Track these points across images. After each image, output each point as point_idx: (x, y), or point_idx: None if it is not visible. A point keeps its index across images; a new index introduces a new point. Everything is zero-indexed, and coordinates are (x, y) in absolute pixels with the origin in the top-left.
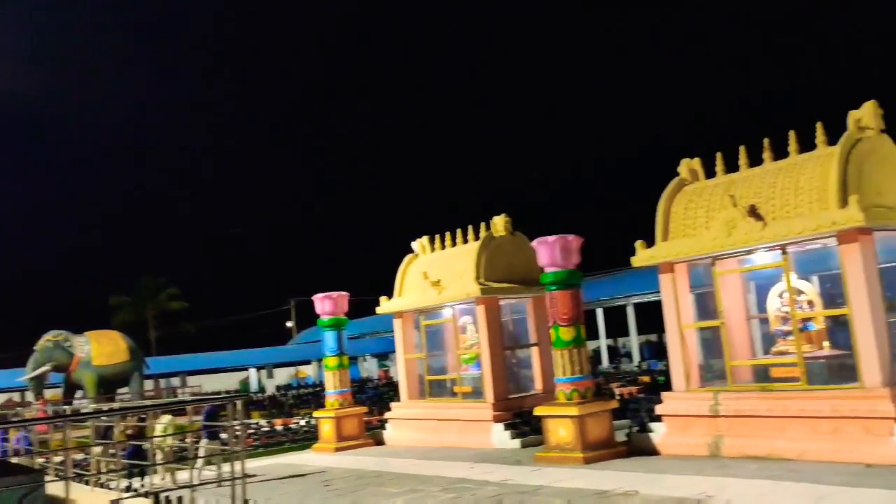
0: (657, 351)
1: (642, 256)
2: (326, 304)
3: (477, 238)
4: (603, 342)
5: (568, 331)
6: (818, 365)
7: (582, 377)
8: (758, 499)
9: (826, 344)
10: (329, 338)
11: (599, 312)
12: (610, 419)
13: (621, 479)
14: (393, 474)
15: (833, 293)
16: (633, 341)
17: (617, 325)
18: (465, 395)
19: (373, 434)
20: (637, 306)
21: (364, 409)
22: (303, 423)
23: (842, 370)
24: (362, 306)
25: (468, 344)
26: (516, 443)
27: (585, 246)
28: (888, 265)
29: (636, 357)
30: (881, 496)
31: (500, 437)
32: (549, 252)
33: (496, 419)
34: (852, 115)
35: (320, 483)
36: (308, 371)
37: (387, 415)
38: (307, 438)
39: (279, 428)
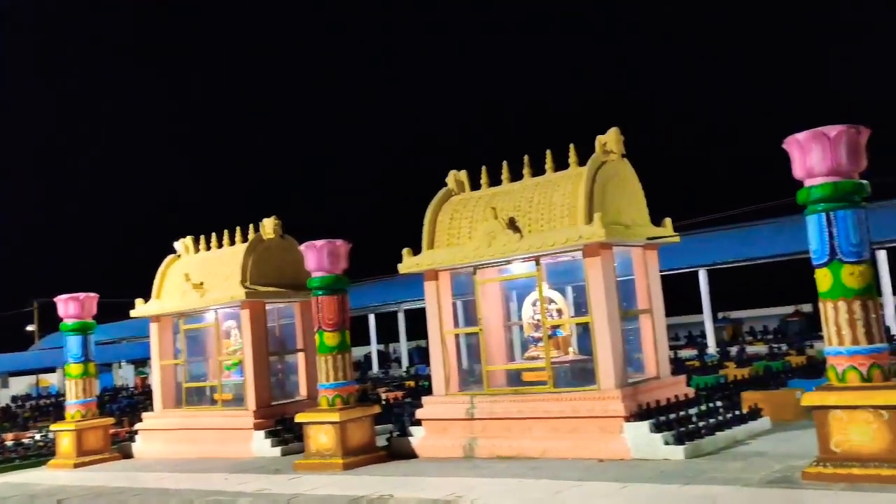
0: (426, 356)
1: (408, 264)
2: (71, 306)
3: (245, 240)
4: (374, 347)
5: (333, 336)
6: (563, 369)
7: (345, 383)
8: (501, 496)
9: (572, 350)
10: (73, 343)
11: (371, 318)
12: (372, 424)
13: (378, 484)
14: (139, 489)
15: (580, 302)
16: (403, 347)
17: (389, 331)
18: (226, 403)
19: (121, 447)
20: (408, 312)
21: (110, 419)
22: (38, 437)
23: (583, 373)
24: (120, 308)
25: (231, 349)
26: (277, 451)
27: (356, 252)
28: (625, 278)
29: (405, 362)
30: (608, 487)
31: (261, 446)
32: (317, 256)
33: (257, 427)
34: (599, 140)
35: (53, 503)
36: (52, 379)
37: (137, 426)
38: (44, 454)
39: (9, 443)
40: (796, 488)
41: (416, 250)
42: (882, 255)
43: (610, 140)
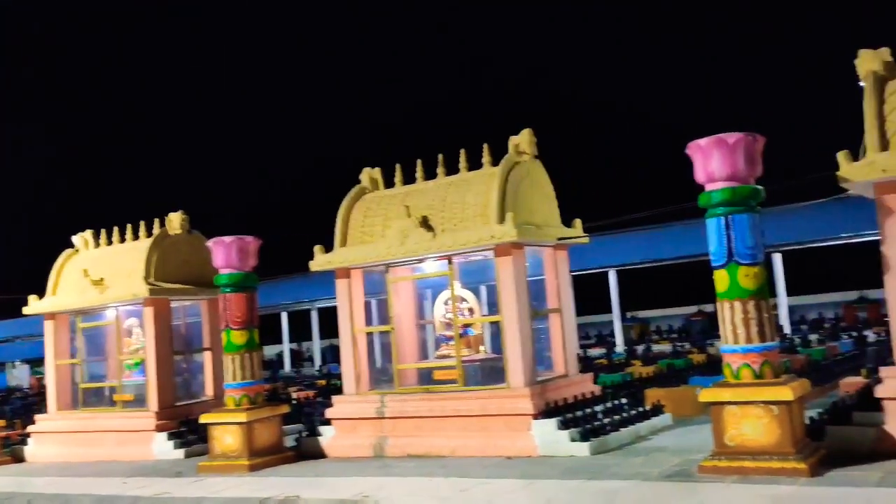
0: (339, 355)
1: (320, 261)
2: None
3: (149, 235)
4: (286, 346)
5: (241, 334)
6: (474, 368)
7: (253, 382)
8: (409, 495)
9: (482, 348)
10: None
11: (284, 316)
12: (280, 424)
13: (285, 485)
14: (29, 495)
15: (492, 301)
16: (316, 345)
17: (302, 329)
18: (126, 404)
19: (12, 451)
20: (322, 311)
21: (1, 422)
22: None
23: (493, 372)
24: (14, 306)
25: (133, 348)
26: (180, 453)
27: (269, 249)
28: (535, 278)
29: (318, 361)
30: (514, 484)
31: (163, 448)
32: (226, 253)
33: (159, 429)
34: (512, 140)
35: None
36: None
37: (29, 428)
38: None
39: None
40: (692, 481)
41: (330, 248)
42: (777, 258)
43: (523, 141)
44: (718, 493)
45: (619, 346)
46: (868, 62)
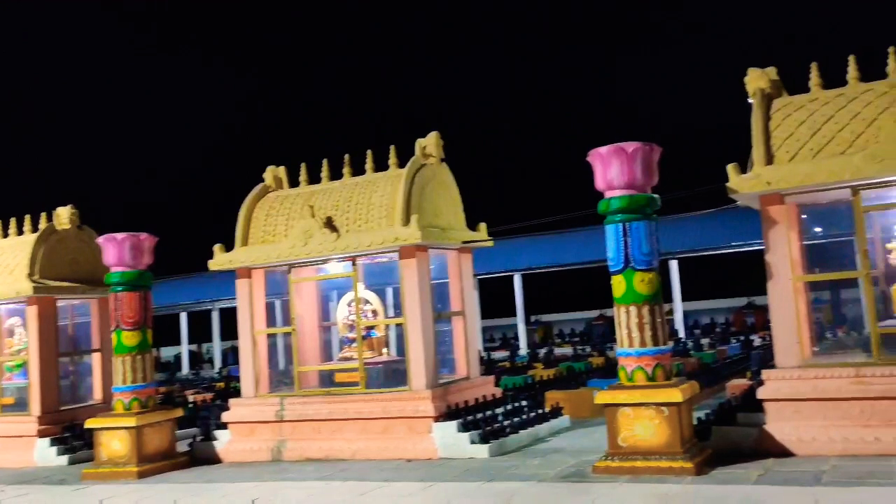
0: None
1: (220, 260)
2: None
3: (35, 230)
4: (185, 348)
5: (132, 335)
6: (376, 370)
7: (144, 385)
8: (305, 500)
9: (385, 351)
10: None
11: (184, 317)
12: (172, 429)
13: (175, 492)
14: None
15: (397, 304)
16: (216, 347)
17: (203, 330)
18: (6, 408)
19: None
20: (224, 311)
21: None
22: None
23: (395, 374)
24: None
25: (15, 349)
26: (63, 459)
27: (169, 246)
28: (439, 281)
29: (218, 363)
30: (413, 487)
31: (45, 454)
32: (118, 250)
33: (42, 434)
34: (419, 143)
35: None
36: None
37: None
38: None
39: None
40: (586, 482)
41: (231, 247)
42: (674, 265)
43: (430, 144)
44: (610, 493)
45: (523, 349)
46: (756, 80)
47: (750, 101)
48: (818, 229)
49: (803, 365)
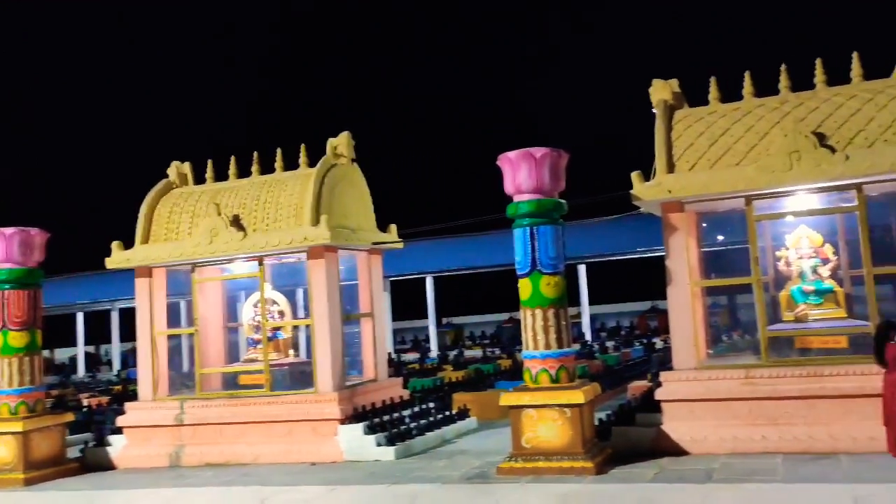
0: None
1: (118, 258)
2: None
3: None
4: (80, 349)
5: (20, 336)
6: (282, 372)
7: (32, 388)
8: None
9: (292, 352)
10: None
11: (80, 317)
12: (63, 434)
13: (63, 500)
14: None
15: (307, 305)
16: (115, 348)
17: (102, 331)
18: None
19: None
20: (125, 311)
21: None
22: None
23: (302, 376)
24: None
25: None
26: None
27: (63, 242)
28: (349, 282)
29: (117, 365)
30: (316, 491)
31: None
32: (5, 246)
33: None
34: (330, 142)
35: None
36: None
37: None
38: None
39: None
40: (490, 483)
41: (132, 244)
42: (582, 269)
43: (341, 144)
44: (513, 494)
45: (434, 352)
46: (660, 91)
47: (654, 111)
48: (720, 237)
49: (698, 367)
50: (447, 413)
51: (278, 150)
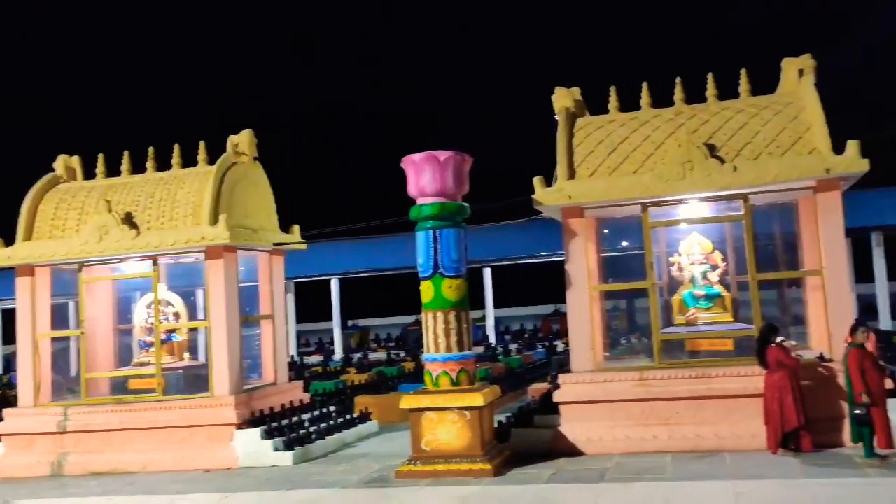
0: None
1: None
2: None
3: None
4: None
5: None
6: (176, 376)
7: None
8: None
9: (187, 355)
10: None
11: None
12: None
13: None
14: None
15: (203, 307)
16: None
17: None
18: None
19: None
20: (7, 312)
21: None
22: None
23: (198, 380)
24: None
25: None
26: None
27: None
28: (249, 284)
29: None
30: (208, 499)
31: None
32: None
33: None
34: (231, 140)
35: None
36: None
37: None
38: None
39: None
40: (389, 487)
41: (11, 241)
42: (487, 273)
43: (242, 141)
44: (411, 497)
45: (338, 354)
46: (562, 99)
47: (556, 118)
48: (621, 243)
49: (595, 369)
50: (348, 416)
51: (175, 147)
